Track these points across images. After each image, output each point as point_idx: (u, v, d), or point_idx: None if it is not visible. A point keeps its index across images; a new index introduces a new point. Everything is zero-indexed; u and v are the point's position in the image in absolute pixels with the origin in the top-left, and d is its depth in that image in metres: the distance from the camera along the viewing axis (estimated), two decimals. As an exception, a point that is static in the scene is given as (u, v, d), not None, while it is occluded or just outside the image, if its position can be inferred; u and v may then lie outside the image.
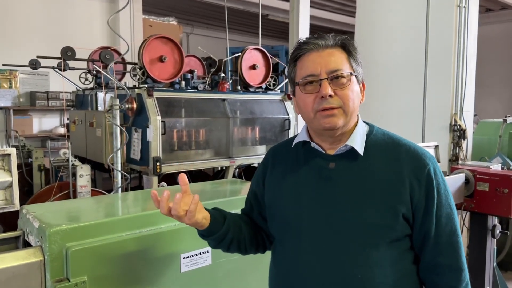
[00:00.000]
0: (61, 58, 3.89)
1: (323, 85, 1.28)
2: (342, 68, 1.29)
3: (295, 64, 1.36)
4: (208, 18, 10.65)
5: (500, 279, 3.30)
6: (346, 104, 1.29)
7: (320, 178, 1.34)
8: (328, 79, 1.28)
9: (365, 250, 1.26)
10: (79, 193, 3.28)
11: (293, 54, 1.36)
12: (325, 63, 1.29)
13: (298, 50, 1.35)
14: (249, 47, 4.55)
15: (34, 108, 6.70)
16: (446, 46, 4.11)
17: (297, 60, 1.35)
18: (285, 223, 1.40)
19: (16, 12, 6.70)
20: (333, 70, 1.29)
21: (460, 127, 4.08)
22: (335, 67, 1.29)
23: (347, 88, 1.29)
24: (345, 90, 1.29)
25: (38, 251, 1.50)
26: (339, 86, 1.29)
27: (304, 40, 1.35)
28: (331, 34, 1.35)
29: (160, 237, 1.70)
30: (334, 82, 1.29)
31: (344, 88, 1.29)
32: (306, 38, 1.36)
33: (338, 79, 1.29)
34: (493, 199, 2.94)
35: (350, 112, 1.30)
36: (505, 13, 10.44)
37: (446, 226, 1.29)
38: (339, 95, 1.28)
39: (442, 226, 1.28)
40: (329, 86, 1.28)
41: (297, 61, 1.35)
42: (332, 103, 1.28)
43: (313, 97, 1.30)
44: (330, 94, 1.27)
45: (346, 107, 1.29)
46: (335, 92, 1.28)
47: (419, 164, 1.29)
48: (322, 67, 1.29)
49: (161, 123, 3.64)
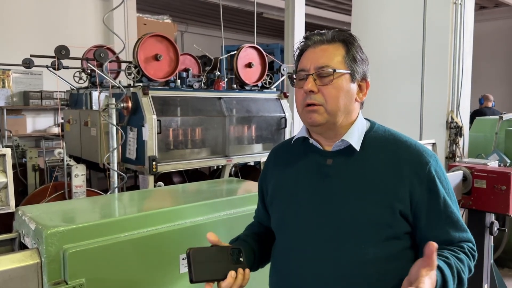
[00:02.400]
0: (55, 57, 3.85)
1: (307, 80, 1.28)
2: (330, 65, 1.28)
3: (298, 58, 1.37)
4: (203, 16, 10.61)
5: (498, 276, 3.31)
6: (328, 102, 1.27)
7: (318, 175, 1.33)
8: (313, 75, 1.28)
9: (362, 247, 1.24)
10: (75, 193, 3.25)
11: (297, 50, 1.37)
12: (316, 59, 1.29)
13: (300, 45, 1.36)
14: (245, 45, 4.53)
15: (28, 108, 6.64)
16: (442, 43, 4.11)
17: (301, 55, 1.36)
18: (283, 220, 1.39)
19: (9, 10, 6.63)
20: (320, 66, 1.28)
21: (457, 124, 4.08)
22: (322, 63, 1.28)
23: (331, 85, 1.27)
24: (329, 88, 1.27)
25: (35, 253, 1.48)
26: (324, 83, 1.28)
27: (306, 35, 1.36)
28: (333, 30, 1.34)
29: (158, 238, 1.68)
30: (320, 79, 1.28)
31: (328, 85, 1.27)
32: (309, 34, 1.36)
33: (325, 76, 1.28)
34: (491, 196, 2.95)
35: (332, 110, 1.28)
36: (499, 10, 10.49)
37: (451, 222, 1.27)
38: (322, 92, 1.28)
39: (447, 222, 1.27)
40: (314, 82, 1.27)
41: (301, 56, 1.36)
42: (313, 99, 1.28)
43: (302, 92, 1.30)
44: (310, 89, 1.27)
45: (328, 105, 1.28)
46: (319, 89, 1.27)
47: (420, 161, 1.28)
48: (312, 63, 1.29)
49: (157, 122, 3.61)
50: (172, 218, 1.74)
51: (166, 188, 2.59)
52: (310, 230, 1.31)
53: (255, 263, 1.43)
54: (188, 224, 1.77)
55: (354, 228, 1.25)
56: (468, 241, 1.30)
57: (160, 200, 2.15)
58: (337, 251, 1.26)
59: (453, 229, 1.28)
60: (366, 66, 1.35)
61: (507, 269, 4.53)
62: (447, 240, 1.27)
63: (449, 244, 1.27)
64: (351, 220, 1.26)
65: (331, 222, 1.28)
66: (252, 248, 1.42)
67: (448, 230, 1.27)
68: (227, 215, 1.91)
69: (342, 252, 1.26)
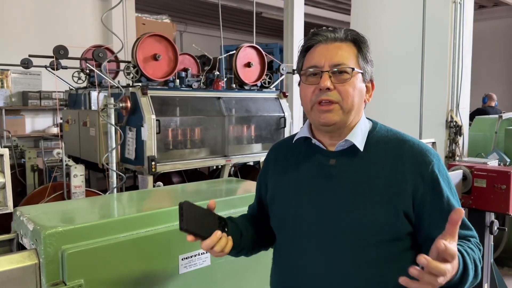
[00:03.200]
0: (53, 57, 3.84)
1: (323, 77, 1.26)
2: (347, 63, 1.27)
3: (304, 54, 1.34)
4: (202, 16, 10.60)
5: (498, 275, 3.31)
6: (345, 100, 1.26)
7: (321, 175, 1.32)
8: (330, 71, 1.26)
9: (364, 248, 1.24)
10: (73, 193, 3.24)
11: (304, 44, 1.35)
12: (330, 56, 1.27)
13: (309, 41, 1.33)
14: (244, 45, 4.52)
15: (27, 108, 6.63)
16: (442, 42, 4.10)
17: (307, 51, 1.33)
18: (285, 221, 1.38)
19: (8, 10, 6.62)
20: (337, 64, 1.26)
21: (456, 123, 4.07)
22: (339, 60, 1.26)
23: (348, 83, 1.26)
24: (345, 86, 1.26)
25: (33, 254, 1.47)
26: (341, 80, 1.26)
27: (316, 31, 1.33)
28: (344, 28, 1.33)
29: (157, 238, 1.67)
30: (336, 76, 1.26)
31: (345, 83, 1.26)
32: (318, 29, 1.34)
33: (341, 74, 1.26)
34: (491, 196, 2.94)
35: (348, 109, 1.27)
36: (498, 9, 10.49)
37: None
38: (339, 90, 1.26)
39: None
40: (330, 79, 1.25)
41: (307, 52, 1.33)
42: (330, 96, 1.26)
43: (312, 89, 1.28)
44: (328, 87, 1.25)
45: (344, 103, 1.26)
46: (335, 86, 1.26)
47: (423, 160, 1.27)
48: (326, 60, 1.27)
49: (156, 122, 3.60)
50: (171, 218, 1.73)
51: (164, 188, 2.58)
52: (312, 230, 1.30)
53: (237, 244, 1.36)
54: (187, 224, 1.75)
55: (357, 229, 1.24)
56: (474, 238, 1.29)
57: (159, 200, 2.14)
58: (339, 251, 1.26)
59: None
60: (373, 68, 1.35)
61: (507, 268, 4.53)
62: None
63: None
64: (354, 220, 1.25)
65: (334, 223, 1.27)
66: (239, 229, 1.40)
67: None
68: (226, 215, 1.89)
69: (344, 253, 1.25)
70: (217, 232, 1.24)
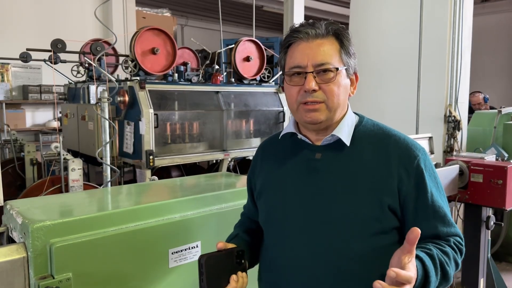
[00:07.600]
0: (51, 51, 3.84)
1: (308, 78, 1.25)
2: (330, 62, 1.25)
3: (286, 51, 1.32)
4: (203, 9, 10.56)
5: (494, 270, 3.30)
6: (330, 99, 1.26)
7: (307, 170, 1.32)
8: (314, 72, 1.25)
9: (350, 242, 1.24)
10: (71, 187, 3.24)
11: (284, 40, 1.33)
12: (313, 55, 1.25)
13: (289, 38, 1.31)
14: (243, 39, 4.51)
15: (27, 102, 6.64)
16: (441, 37, 4.08)
17: (288, 47, 1.31)
18: (271, 215, 1.39)
19: (7, 4, 6.61)
20: (320, 64, 1.25)
21: (455, 118, 4.05)
22: (322, 60, 1.25)
23: (333, 83, 1.25)
24: (330, 85, 1.25)
25: (21, 247, 1.47)
26: (325, 80, 1.25)
27: (296, 27, 1.31)
28: (324, 22, 1.29)
29: (147, 232, 1.67)
30: (320, 76, 1.26)
31: (330, 83, 1.25)
32: (298, 24, 1.32)
33: (325, 73, 1.25)
34: (487, 190, 2.93)
35: (334, 107, 1.27)
36: (501, 3, 10.39)
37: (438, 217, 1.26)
38: (324, 90, 1.25)
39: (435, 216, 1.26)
40: (314, 80, 1.24)
41: (288, 48, 1.31)
42: (315, 97, 1.25)
43: (297, 89, 1.28)
44: (313, 88, 1.24)
45: (329, 102, 1.26)
46: (320, 86, 1.25)
47: (409, 155, 1.27)
48: (309, 59, 1.25)
49: (154, 116, 3.60)
50: (161, 212, 1.73)
51: (157, 182, 2.58)
52: (298, 225, 1.30)
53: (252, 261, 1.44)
54: (177, 219, 1.76)
55: (342, 223, 1.24)
56: (456, 236, 1.29)
57: (150, 195, 2.14)
58: (325, 246, 1.26)
59: (441, 224, 1.26)
60: (356, 60, 1.33)
61: (505, 263, 4.52)
62: (434, 234, 1.26)
63: (436, 238, 1.26)
64: (340, 214, 1.25)
65: (319, 217, 1.27)
66: (248, 245, 1.42)
67: (435, 225, 1.26)
68: (217, 210, 1.90)
69: (330, 247, 1.25)
70: (233, 277, 1.25)
